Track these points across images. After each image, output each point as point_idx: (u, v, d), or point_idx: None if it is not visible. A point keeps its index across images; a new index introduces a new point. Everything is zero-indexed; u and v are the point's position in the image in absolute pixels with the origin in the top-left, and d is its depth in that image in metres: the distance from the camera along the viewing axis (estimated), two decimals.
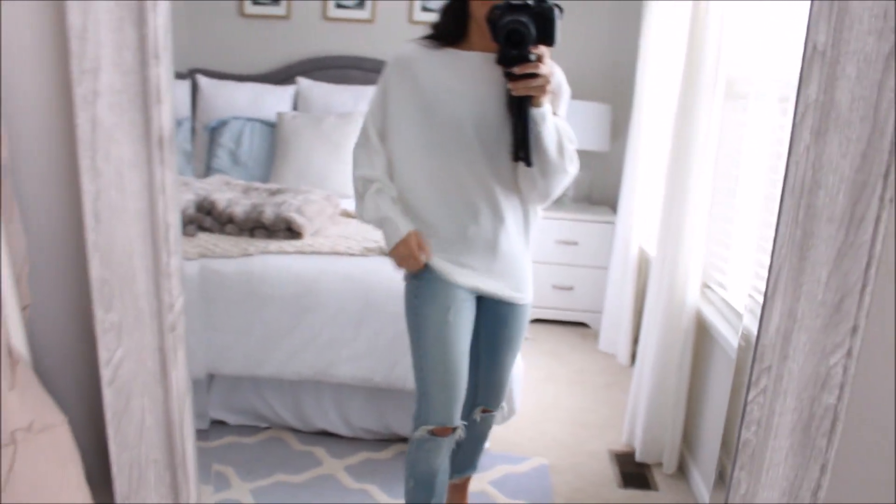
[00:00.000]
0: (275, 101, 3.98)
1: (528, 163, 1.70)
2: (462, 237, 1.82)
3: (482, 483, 2.46)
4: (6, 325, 1.23)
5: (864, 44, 1.12)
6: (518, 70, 1.60)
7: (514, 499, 2.42)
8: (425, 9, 4.12)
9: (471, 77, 1.74)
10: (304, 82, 4.05)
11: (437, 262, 1.82)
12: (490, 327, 1.94)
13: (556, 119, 1.73)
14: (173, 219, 1.22)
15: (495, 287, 1.86)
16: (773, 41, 2.20)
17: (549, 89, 1.64)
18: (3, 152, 1.22)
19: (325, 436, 2.72)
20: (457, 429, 1.89)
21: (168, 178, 1.20)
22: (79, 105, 1.17)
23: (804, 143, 1.16)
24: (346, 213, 3.14)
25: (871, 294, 1.20)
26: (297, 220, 2.79)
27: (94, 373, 1.29)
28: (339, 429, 2.71)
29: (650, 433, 2.60)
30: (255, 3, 4.17)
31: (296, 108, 4.02)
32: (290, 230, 2.80)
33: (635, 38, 3.59)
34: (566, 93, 1.81)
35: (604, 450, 2.76)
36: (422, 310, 1.85)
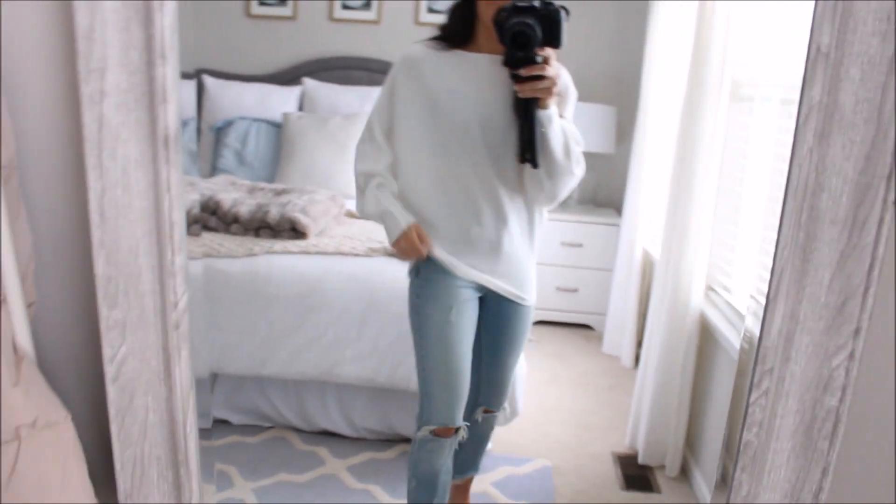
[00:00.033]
0: (281, 101, 3.98)
1: (534, 164, 1.71)
2: (465, 238, 1.82)
3: (484, 484, 2.46)
4: (12, 321, 1.24)
5: (867, 46, 1.12)
6: (524, 72, 1.60)
7: (516, 500, 2.42)
8: (431, 10, 4.13)
9: (477, 78, 1.75)
10: (309, 83, 4.06)
11: (440, 254, 1.83)
12: (493, 327, 1.94)
13: (562, 121, 1.73)
14: (178, 217, 1.23)
15: (499, 284, 1.86)
16: (779, 44, 2.20)
17: (555, 91, 1.65)
18: (9, 150, 1.23)
19: (329, 436, 2.72)
20: (459, 429, 1.89)
21: (173, 176, 1.20)
22: (85, 104, 1.18)
23: (807, 145, 1.16)
24: (350, 214, 3.15)
25: (873, 296, 1.20)
26: (302, 220, 2.80)
27: (98, 370, 1.30)
28: (343, 429, 2.72)
29: (653, 436, 2.60)
30: (261, 3, 4.18)
31: (301, 109, 4.02)
32: (294, 230, 2.80)
33: (641, 40, 3.59)
34: (573, 95, 1.81)
35: (607, 452, 2.76)
36: (424, 309, 1.85)
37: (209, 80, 3.98)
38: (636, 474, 2.61)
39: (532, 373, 3.18)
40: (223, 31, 4.19)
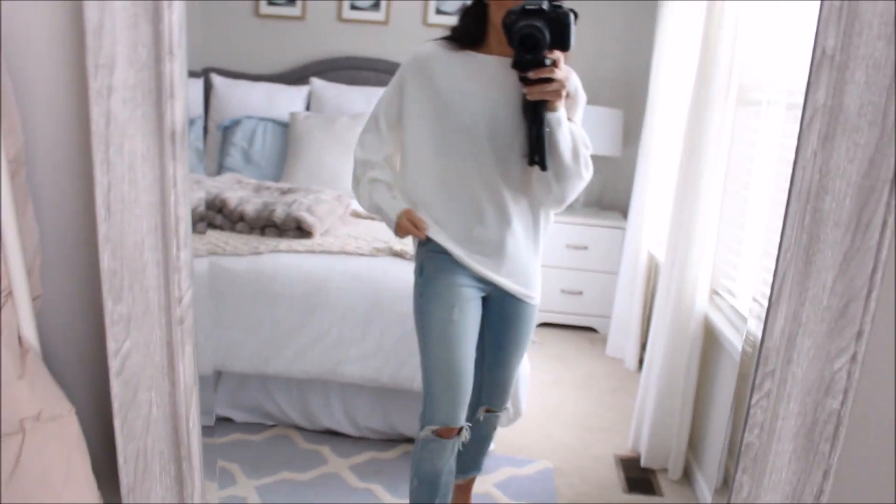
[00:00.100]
0: (288, 101, 4.00)
1: (542, 167, 1.71)
2: (468, 237, 1.83)
3: (486, 485, 2.47)
4: (17, 314, 1.24)
5: (873, 49, 1.12)
6: (533, 74, 1.60)
7: (518, 501, 2.42)
8: (440, 11, 4.14)
9: (487, 80, 1.75)
10: (317, 83, 4.07)
11: (445, 242, 1.83)
12: (496, 326, 1.95)
13: (571, 124, 1.72)
14: (184, 213, 1.23)
15: (503, 281, 1.86)
16: (786, 48, 2.20)
17: (564, 94, 1.65)
18: (17, 145, 1.23)
19: (331, 435, 2.73)
20: (462, 430, 1.89)
21: (179, 172, 1.21)
22: (93, 99, 1.18)
23: (811, 147, 1.16)
24: (356, 214, 3.16)
25: (876, 299, 1.20)
26: (308, 219, 2.81)
27: (102, 364, 1.30)
28: (346, 428, 2.72)
29: (656, 439, 2.60)
30: (270, 3, 4.19)
31: (309, 109, 4.04)
32: (300, 229, 2.81)
33: (648, 43, 3.60)
34: (582, 99, 1.81)
35: (609, 454, 2.76)
36: (427, 308, 1.86)
37: (217, 79, 4.00)
38: (638, 477, 2.61)
39: (536, 374, 3.19)
40: (231, 30, 4.20)
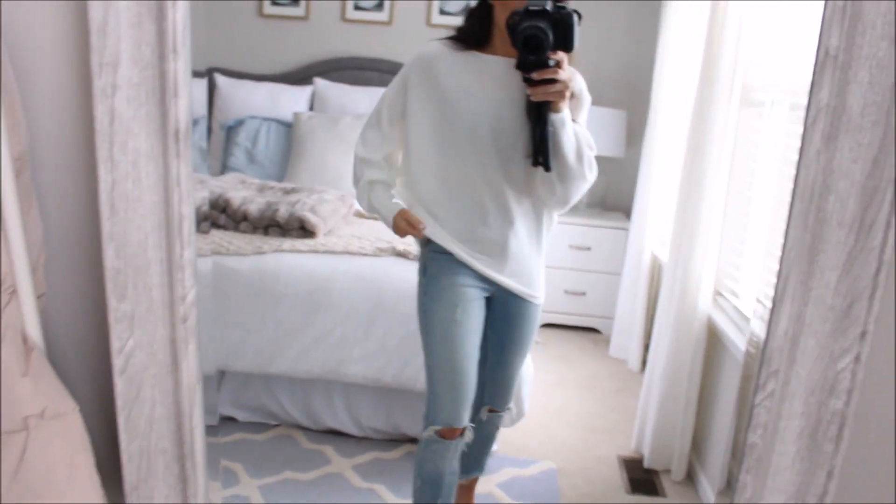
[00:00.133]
0: (291, 101, 4.00)
1: (546, 168, 1.70)
2: (471, 237, 1.83)
3: (489, 485, 2.47)
4: (22, 312, 1.25)
5: (876, 49, 1.12)
6: (536, 75, 1.60)
7: (521, 501, 2.42)
8: (443, 11, 4.14)
9: (491, 80, 1.75)
10: (320, 83, 4.07)
11: (449, 244, 1.83)
12: (499, 326, 1.94)
13: (575, 126, 1.72)
14: (187, 211, 1.23)
15: (506, 281, 1.86)
16: (790, 49, 2.20)
17: (567, 95, 1.64)
18: (22, 144, 1.24)
19: (335, 434, 2.73)
20: (465, 431, 1.89)
21: (183, 170, 1.21)
22: (97, 98, 1.19)
23: (815, 147, 1.16)
24: (359, 213, 3.16)
25: (879, 300, 1.20)
26: (311, 219, 2.81)
27: (106, 362, 1.31)
28: (349, 428, 2.72)
29: (659, 440, 2.59)
30: (273, 3, 4.20)
31: (312, 109, 4.04)
32: (303, 229, 2.82)
33: (652, 44, 3.60)
34: (587, 100, 1.81)
35: (612, 455, 2.76)
36: (430, 307, 1.86)
37: (221, 79, 4.00)
38: (642, 478, 2.60)
39: (539, 375, 3.19)
40: (235, 30, 4.21)
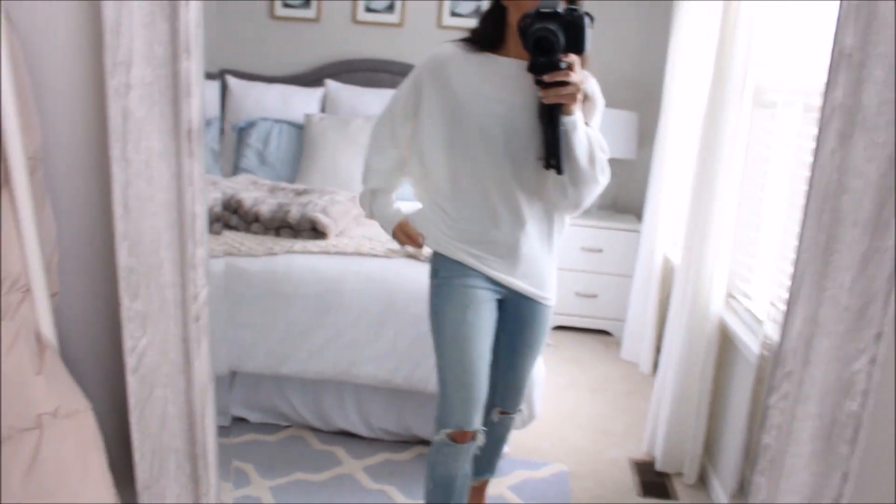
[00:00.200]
0: (303, 102, 4.01)
1: (559, 171, 1.69)
2: (483, 239, 1.82)
3: (501, 487, 2.46)
4: (36, 311, 1.25)
5: (891, 47, 1.11)
6: (548, 78, 1.59)
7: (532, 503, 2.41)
8: (454, 13, 4.14)
9: (503, 82, 1.74)
10: (332, 84, 4.08)
11: (458, 254, 1.83)
12: (511, 328, 1.94)
13: (588, 129, 1.71)
14: (200, 210, 1.24)
15: (517, 283, 1.86)
16: (802, 49, 2.19)
17: (579, 97, 1.63)
18: (35, 143, 1.24)
19: (346, 436, 2.73)
20: (476, 434, 1.88)
21: (196, 169, 1.21)
22: (111, 97, 1.19)
23: (830, 146, 1.15)
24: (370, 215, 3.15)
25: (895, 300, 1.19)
26: (322, 220, 2.81)
27: (119, 360, 1.31)
28: (360, 429, 2.72)
29: (671, 442, 2.58)
30: (285, 5, 4.21)
31: (323, 110, 4.05)
32: (314, 230, 2.82)
33: (663, 45, 3.58)
34: (600, 103, 1.80)
35: (624, 458, 2.75)
36: (441, 309, 1.85)
37: (232, 81, 4.02)
38: (653, 481, 2.59)
39: (550, 377, 3.18)
40: (247, 32, 4.22)
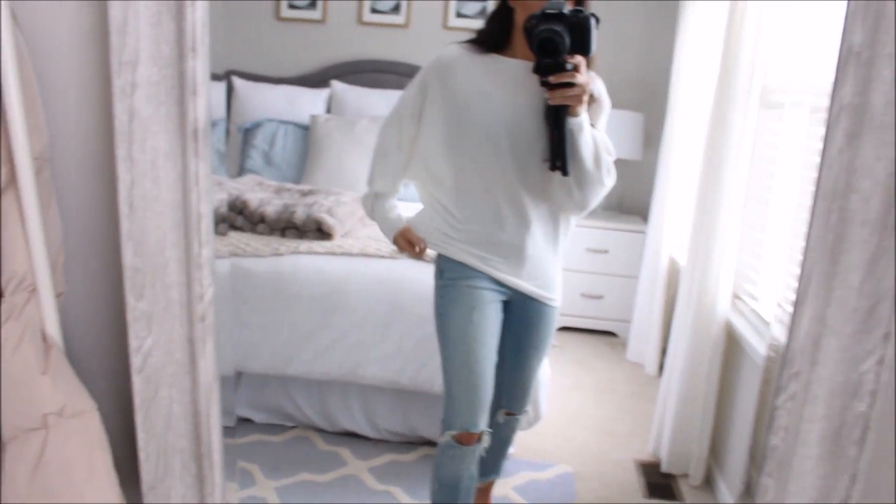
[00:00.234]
0: (309, 103, 4.01)
1: (564, 172, 1.68)
2: (488, 240, 1.81)
3: (506, 488, 2.45)
4: (41, 311, 1.25)
5: None
6: (553, 79, 1.58)
7: None
8: (460, 14, 4.14)
9: (510, 83, 1.74)
10: (337, 85, 4.08)
11: (461, 255, 1.83)
12: (517, 329, 1.93)
13: (594, 131, 1.70)
14: (206, 210, 1.24)
15: (522, 284, 1.85)
16: (810, 51, 2.18)
17: (585, 99, 1.63)
18: (42, 142, 1.24)
19: (351, 436, 2.73)
20: (482, 436, 1.88)
21: (202, 169, 1.21)
22: (117, 96, 1.19)
23: (837, 145, 1.15)
24: None
25: None
26: (328, 220, 2.81)
27: (124, 360, 1.31)
28: (365, 430, 2.72)
29: (677, 444, 2.57)
30: (290, 6, 4.22)
31: (329, 111, 4.05)
32: (320, 231, 2.82)
33: (669, 46, 3.58)
34: (607, 105, 1.79)
35: (629, 459, 2.74)
36: (446, 310, 1.85)
37: (238, 82, 4.02)
38: (659, 482, 2.58)
39: (556, 378, 3.17)
40: (253, 33, 4.23)
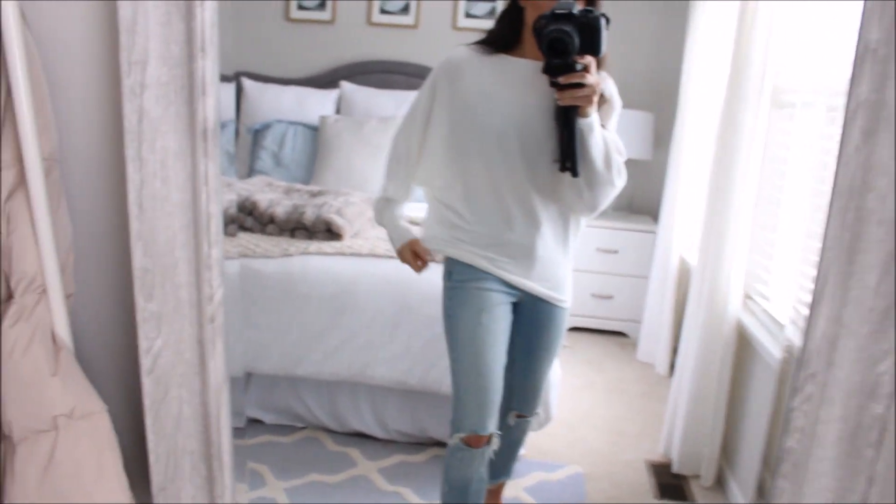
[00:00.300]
0: (318, 104, 4.01)
1: (574, 173, 1.67)
2: (497, 241, 1.80)
3: (516, 489, 2.45)
4: (51, 312, 1.25)
5: None
6: (563, 79, 1.57)
7: None
8: (469, 14, 4.13)
9: (519, 84, 1.73)
10: (347, 86, 4.08)
11: (469, 257, 1.82)
12: (527, 331, 1.92)
13: (604, 131, 1.68)
14: (215, 210, 1.23)
15: (532, 286, 1.84)
16: (821, 50, 2.16)
17: (595, 99, 1.61)
18: (51, 143, 1.24)
19: (360, 437, 2.72)
20: (491, 438, 1.87)
21: (211, 169, 1.21)
22: (126, 96, 1.19)
23: (854, 143, 1.13)
24: None
25: None
26: (337, 221, 2.81)
27: (134, 362, 1.30)
28: (374, 431, 2.72)
29: (688, 444, 2.56)
30: (300, 7, 4.22)
31: (338, 112, 4.05)
32: (329, 231, 2.82)
33: (680, 45, 3.56)
34: (617, 105, 1.77)
35: (640, 460, 2.73)
36: (455, 312, 1.84)
37: (248, 83, 4.02)
38: (670, 483, 2.57)
39: (566, 379, 3.16)
40: (262, 34, 4.23)
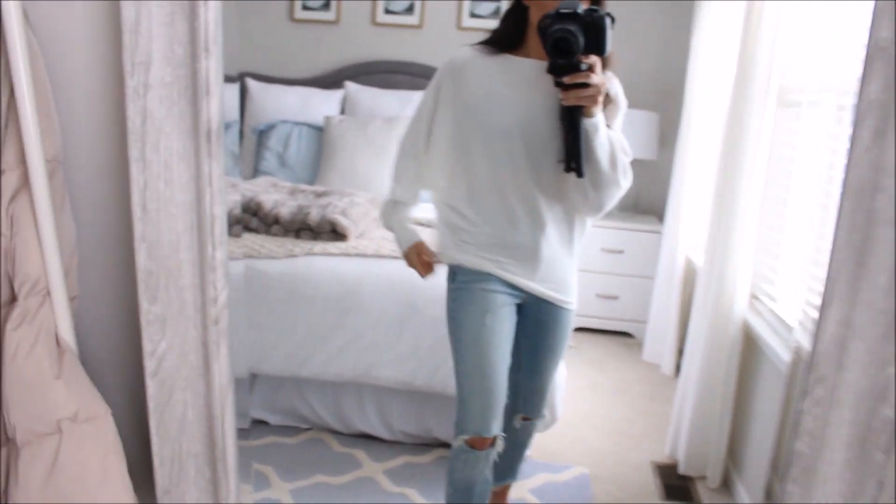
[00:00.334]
0: (322, 105, 4.01)
1: (579, 174, 1.66)
2: (501, 242, 1.79)
3: (522, 490, 2.44)
4: (55, 315, 1.24)
5: None
6: (568, 79, 1.56)
7: None
8: (474, 14, 4.13)
9: (523, 84, 1.72)
10: (351, 86, 4.07)
11: (475, 261, 1.80)
12: (532, 333, 1.91)
13: (610, 131, 1.67)
14: (220, 211, 1.22)
15: (536, 287, 1.83)
16: (829, 48, 2.14)
17: (600, 99, 1.60)
18: (55, 145, 1.24)
19: (366, 438, 2.72)
20: (496, 440, 1.86)
21: (215, 170, 1.20)
22: (130, 97, 1.18)
23: (864, 143, 1.12)
24: None
25: None
26: (342, 222, 2.80)
27: (138, 364, 1.30)
28: (380, 432, 2.71)
29: (694, 445, 2.55)
30: (304, 7, 4.21)
31: (343, 112, 4.04)
32: (334, 232, 2.81)
33: (685, 45, 3.55)
34: (623, 105, 1.76)
35: (646, 461, 2.71)
36: (459, 314, 1.83)
37: (252, 84, 4.02)
38: (676, 484, 2.56)
39: (571, 379, 3.15)
40: (267, 34, 4.23)
